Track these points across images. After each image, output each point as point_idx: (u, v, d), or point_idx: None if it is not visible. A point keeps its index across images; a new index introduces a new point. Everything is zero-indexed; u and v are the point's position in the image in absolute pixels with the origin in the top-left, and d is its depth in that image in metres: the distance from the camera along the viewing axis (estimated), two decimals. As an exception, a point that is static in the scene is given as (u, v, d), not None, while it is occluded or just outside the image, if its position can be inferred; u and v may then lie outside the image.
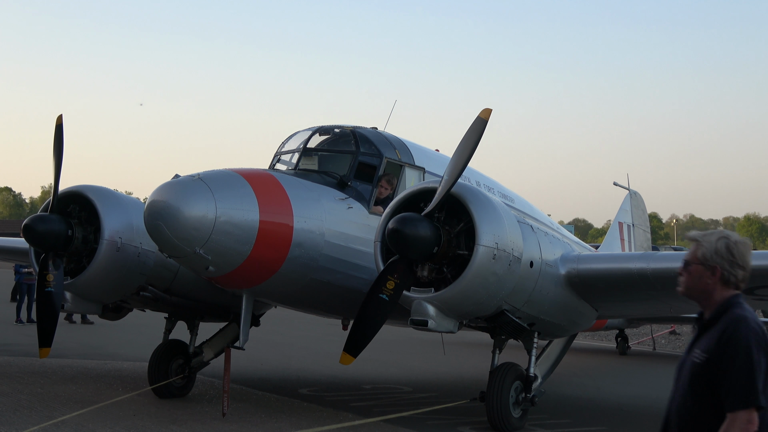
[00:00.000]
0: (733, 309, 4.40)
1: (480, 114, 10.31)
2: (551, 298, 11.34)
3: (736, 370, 4.19)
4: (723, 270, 4.46)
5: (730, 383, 4.20)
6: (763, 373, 4.21)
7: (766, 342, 4.27)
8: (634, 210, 24.02)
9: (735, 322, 4.31)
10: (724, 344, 4.26)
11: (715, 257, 4.46)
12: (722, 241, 4.48)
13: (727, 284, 4.47)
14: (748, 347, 4.21)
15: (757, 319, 4.34)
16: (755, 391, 4.16)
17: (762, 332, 4.28)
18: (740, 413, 4.15)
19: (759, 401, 4.16)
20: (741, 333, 4.25)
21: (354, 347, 10.56)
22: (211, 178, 10.31)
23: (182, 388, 13.16)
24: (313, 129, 12.76)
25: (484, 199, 10.44)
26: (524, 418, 11.53)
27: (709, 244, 4.50)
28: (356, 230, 11.62)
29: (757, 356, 4.20)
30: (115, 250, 11.84)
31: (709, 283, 4.49)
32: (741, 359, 4.20)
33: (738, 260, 4.46)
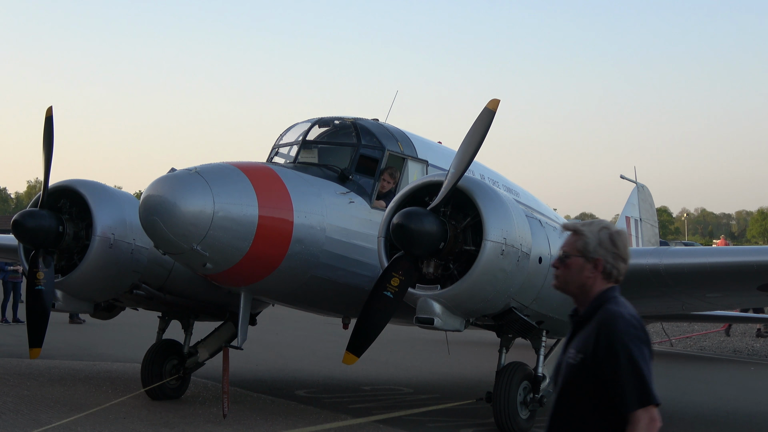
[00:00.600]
0: (608, 305, 4.24)
1: (487, 105, 10.35)
2: (560, 295, 11.24)
3: (623, 371, 4.06)
4: (606, 263, 4.31)
5: (620, 386, 4.07)
6: (650, 365, 4.11)
7: (645, 334, 4.16)
8: (642, 204, 24.03)
9: (610, 320, 4.16)
10: (603, 346, 4.12)
11: (598, 249, 4.31)
12: (605, 232, 4.34)
13: (608, 278, 4.33)
14: (626, 345, 4.08)
15: (633, 312, 4.21)
16: (648, 388, 4.06)
17: (639, 324, 4.16)
18: (639, 414, 4.03)
19: (654, 399, 4.06)
20: (618, 331, 4.12)
21: (357, 346, 10.61)
22: (209, 171, 10.34)
23: (176, 390, 13.19)
24: (312, 121, 12.79)
25: (492, 193, 10.48)
26: (532, 419, 11.58)
27: (592, 234, 4.34)
28: (358, 225, 11.66)
29: (638, 352, 4.08)
30: (108, 246, 11.86)
31: (589, 277, 4.33)
32: (624, 359, 4.07)
33: (621, 252, 4.33)
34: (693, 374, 19.07)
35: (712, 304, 13.42)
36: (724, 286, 12.16)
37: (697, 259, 11.68)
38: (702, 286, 12.03)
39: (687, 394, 15.79)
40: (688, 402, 14.79)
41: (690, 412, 13.82)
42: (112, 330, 21.80)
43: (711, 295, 12.48)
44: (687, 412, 13.74)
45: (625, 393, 4.05)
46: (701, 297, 12.49)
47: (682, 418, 13.19)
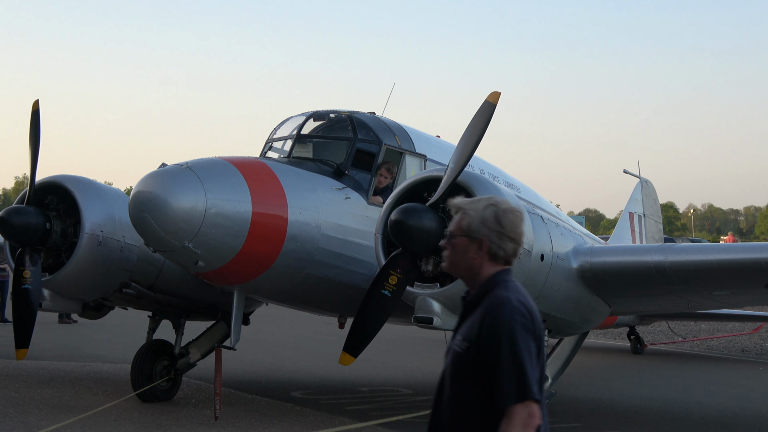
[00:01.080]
0: (497, 289, 4.06)
1: (488, 98, 10.37)
2: (563, 294, 11.41)
3: (502, 361, 3.89)
4: (491, 243, 4.12)
5: (499, 377, 3.89)
6: (535, 358, 3.96)
7: (534, 324, 4.00)
8: (646, 199, 24.06)
9: (496, 306, 3.98)
10: (486, 332, 3.95)
11: (481, 228, 4.12)
12: (490, 209, 4.14)
13: (495, 259, 4.14)
14: (511, 334, 3.90)
15: (523, 298, 4.03)
16: (527, 382, 3.88)
17: (528, 313, 3.98)
18: (517, 408, 3.86)
19: (533, 394, 3.88)
20: (503, 318, 3.94)
21: (354, 347, 10.63)
22: (201, 167, 10.36)
23: (167, 392, 13.18)
24: (307, 114, 12.80)
25: (493, 188, 10.50)
26: (534, 421, 11.58)
27: (476, 212, 4.15)
28: (354, 222, 11.67)
29: (523, 342, 3.91)
30: (97, 244, 11.87)
31: (475, 258, 4.14)
32: (506, 349, 3.89)
33: (508, 231, 4.13)
34: (700, 374, 19.11)
35: (719, 302, 13.44)
36: (731, 284, 12.18)
37: (704, 256, 11.69)
38: (709, 283, 12.05)
39: (694, 394, 15.83)
40: (695, 403, 14.83)
41: (697, 413, 13.86)
42: (101, 330, 21.82)
43: (718, 293, 12.50)
44: (694, 413, 13.78)
45: (502, 385, 3.88)
46: (708, 295, 12.51)
47: (688, 420, 13.24)
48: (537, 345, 4.00)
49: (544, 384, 11.77)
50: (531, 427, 3.89)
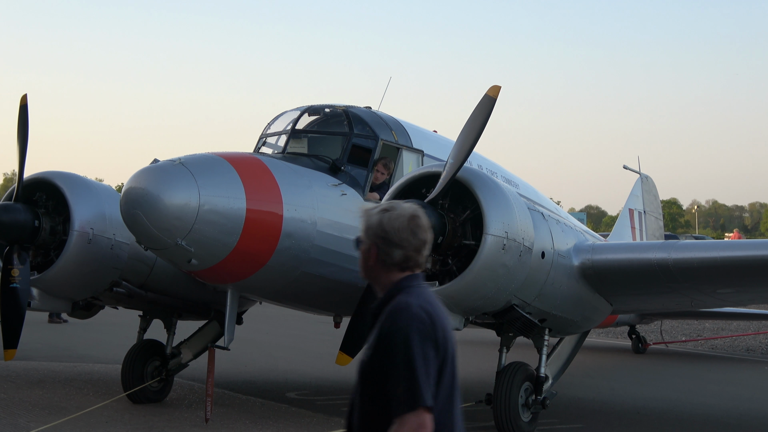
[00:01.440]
0: (399, 295, 4.07)
1: (488, 92, 10.39)
2: (564, 292, 11.44)
3: (396, 367, 3.89)
4: (378, 249, 4.14)
5: (392, 383, 3.90)
6: (433, 367, 3.95)
7: (434, 331, 3.98)
8: (646, 195, 24.10)
9: (393, 312, 4.00)
10: (382, 339, 3.98)
11: (369, 234, 4.16)
12: (378, 216, 4.15)
13: (386, 266, 4.16)
14: (406, 340, 3.90)
15: (427, 305, 4.02)
16: (418, 390, 3.86)
17: (429, 319, 3.97)
18: (407, 417, 3.85)
19: (424, 401, 3.86)
20: (399, 324, 3.94)
21: (351, 346, 10.65)
22: (194, 162, 10.35)
23: (159, 393, 13.21)
24: (301, 109, 12.81)
25: (493, 184, 10.52)
26: (534, 422, 11.64)
27: (368, 218, 4.18)
28: (351, 219, 11.67)
29: (419, 349, 3.90)
30: (86, 242, 11.86)
31: (373, 265, 4.18)
32: (400, 355, 3.89)
33: (392, 238, 4.12)
34: (704, 374, 19.16)
35: (723, 300, 13.47)
36: (736, 282, 12.22)
37: (708, 253, 11.72)
38: (713, 281, 12.08)
39: (697, 395, 15.87)
40: (699, 404, 14.87)
41: (700, 414, 13.90)
42: (92, 330, 21.79)
43: (722, 291, 12.54)
44: (697, 414, 13.82)
45: (395, 392, 3.89)
46: (712, 293, 12.54)
47: (692, 421, 13.28)
48: (438, 353, 3.99)
49: (545, 384, 11.85)
50: None
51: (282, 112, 13.06)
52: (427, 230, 4.23)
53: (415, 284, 4.15)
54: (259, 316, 22.44)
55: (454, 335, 4.18)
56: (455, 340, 4.20)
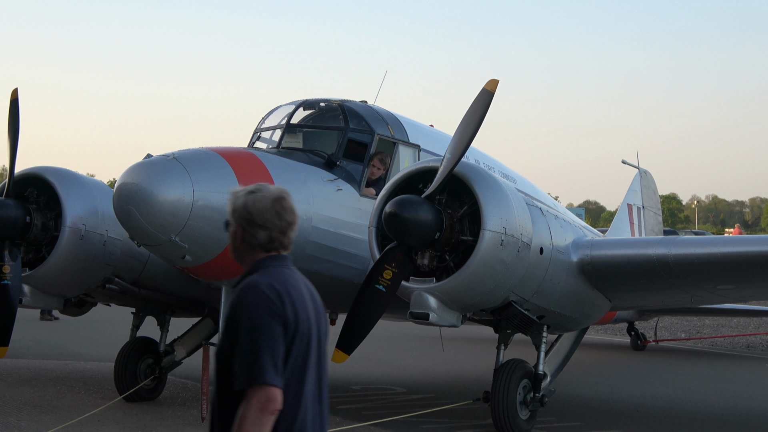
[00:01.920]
0: (252, 275, 4.21)
1: (485, 85, 10.41)
2: (562, 288, 11.47)
3: (239, 344, 4.02)
4: (244, 231, 4.29)
5: (236, 360, 4.03)
6: (280, 344, 4.05)
7: (283, 308, 4.07)
8: (644, 190, 24.15)
9: (242, 290, 4.13)
10: (229, 316, 4.11)
11: (235, 216, 4.30)
12: (243, 198, 4.30)
13: (253, 247, 4.29)
14: (251, 317, 4.03)
15: (277, 283, 4.14)
16: (260, 366, 3.97)
17: (278, 297, 4.08)
18: (252, 393, 3.97)
19: (266, 378, 3.98)
20: (245, 301, 4.08)
21: (348, 343, 10.67)
22: (188, 157, 10.37)
23: (152, 391, 13.22)
24: (296, 103, 12.83)
25: (491, 179, 10.54)
26: (532, 420, 11.67)
27: (235, 200, 4.32)
28: (346, 215, 11.71)
29: (264, 326, 4.02)
30: (79, 238, 11.87)
31: (239, 246, 4.34)
32: (244, 332, 4.02)
33: (256, 219, 4.25)
34: (704, 371, 19.21)
35: (723, 296, 13.52)
36: (736, 278, 12.25)
37: (708, 249, 11.76)
38: (713, 277, 12.12)
39: (697, 392, 15.92)
40: (699, 401, 14.92)
41: (701, 411, 13.94)
42: (84, 327, 21.80)
43: (723, 287, 12.58)
44: (697, 412, 13.86)
45: (239, 368, 4.01)
46: (712, 289, 12.58)
47: (692, 419, 13.32)
48: (287, 330, 4.08)
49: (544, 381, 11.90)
50: (268, 411, 3.97)
51: (277, 106, 13.08)
52: (292, 212, 4.35)
53: (274, 264, 4.27)
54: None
55: (317, 315, 4.29)
56: (320, 319, 4.30)
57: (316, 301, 4.35)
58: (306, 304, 4.22)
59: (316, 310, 4.31)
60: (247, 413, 3.96)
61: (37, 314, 24.48)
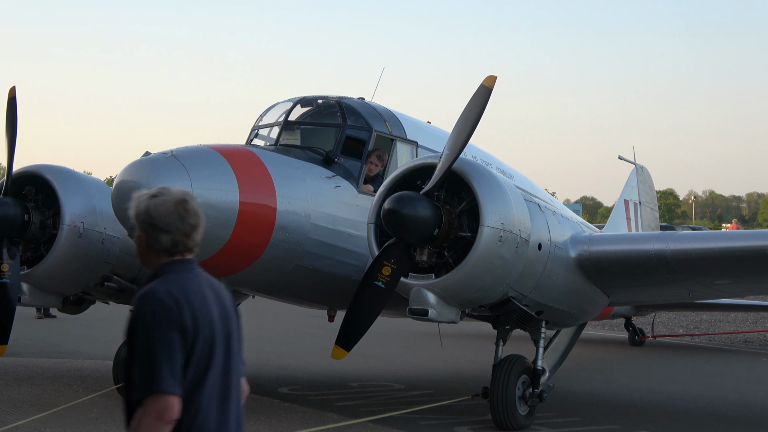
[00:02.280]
0: (152, 282, 4.19)
1: (483, 82, 10.46)
2: (561, 284, 11.53)
3: (136, 353, 4.02)
4: (147, 235, 4.25)
5: (135, 369, 4.02)
6: (178, 352, 4.04)
7: (180, 316, 4.06)
8: (641, 186, 24.22)
9: (139, 298, 4.11)
10: (128, 325, 4.10)
11: (138, 221, 4.26)
12: (146, 202, 4.26)
13: (154, 251, 4.27)
14: (146, 326, 4.01)
15: (175, 289, 4.12)
16: (156, 375, 3.96)
17: (176, 304, 4.06)
18: (148, 402, 3.97)
19: (162, 386, 3.97)
20: (142, 310, 4.06)
21: (347, 340, 10.74)
22: (186, 155, 10.42)
23: (150, 389, 13.23)
24: (294, 100, 12.87)
25: (489, 175, 10.60)
26: (531, 415, 11.74)
27: (137, 205, 4.28)
28: (345, 211, 11.76)
29: (159, 334, 4.00)
30: (77, 236, 11.92)
31: (143, 252, 4.31)
32: (140, 340, 4.01)
33: (159, 223, 4.22)
34: (701, 366, 19.26)
35: (721, 291, 13.57)
36: (734, 273, 12.30)
37: (707, 244, 11.81)
38: (711, 272, 12.17)
39: (695, 387, 15.98)
40: (696, 396, 14.97)
41: (698, 406, 14.00)
42: (82, 325, 21.79)
43: (720, 282, 12.63)
44: (695, 407, 13.92)
45: (136, 377, 4.01)
46: (710, 284, 12.64)
47: (690, 413, 13.37)
48: (185, 338, 4.07)
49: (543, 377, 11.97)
50: (164, 420, 3.97)
51: (274, 103, 13.12)
52: (196, 214, 4.32)
53: (176, 269, 4.25)
54: (250, 310, 22.46)
55: (224, 317, 4.28)
56: (228, 322, 4.30)
57: (224, 303, 4.33)
58: (209, 307, 4.20)
59: (222, 312, 4.29)
60: (143, 421, 3.98)
61: (33, 312, 24.48)
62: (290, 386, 14.59)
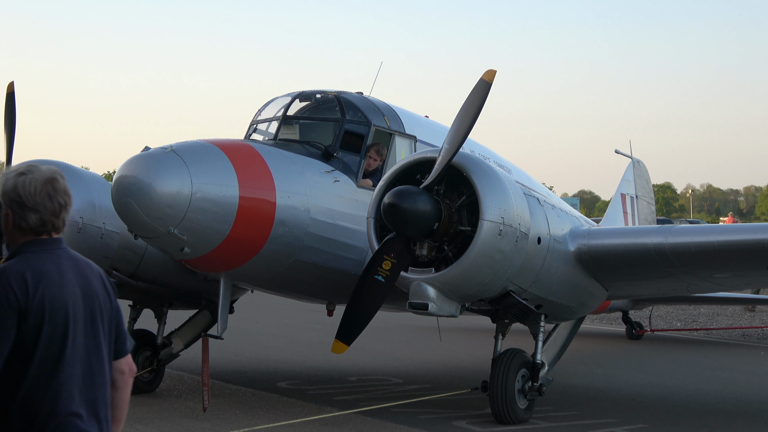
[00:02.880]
0: (8, 262, 4.12)
1: (483, 76, 10.51)
2: (560, 278, 11.60)
3: None
4: (15, 214, 4.16)
5: None
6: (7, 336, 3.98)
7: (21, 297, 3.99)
8: (638, 180, 24.32)
9: None
10: None
11: (5, 199, 4.17)
12: (13, 179, 4.17)
13: (21, 230, 4.18)
14: None
15: (27, 270, 4.05)
16: None
17: (20, 286, 3.99)
18: None
19: None
20: None
21: (347, 334, 10.82)
22: (185, 150, 10.46)
23: (149, 383, 13.34)
24: (292, 95, 12.90)
25: (489, 169, 10.66)
26: (530, 409, 11.81)
27: (5, 182, 4.19)
28: (344, 206, 11.82)
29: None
30: (76, 231, 11.91)
31: (9, 230, 4.21)
32: None
33: (27, 201, 4.14)
34: (700, 360, 19.35)
35: (719, 285, 13.64)
36: (733, 266, 12.37)
37: (705, 237, 11.88)
38: (710, 266, 12.24)
39: (693, 381, 16.06)
40: (695, 389, 15.06)
41: (696, 400, 14.08)
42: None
43: (719, 275, 12.70)
44: (693, 401, 14.00)
45: None
46: (708, 278, 12.71)
47: (688, 407, 13.45)
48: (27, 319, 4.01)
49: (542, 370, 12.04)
50: None
51: (273, 98, 13.15)
52: (65, 194, 4.26)
53: (34, 248, 4.18)
54: (249, 305, 22.55)
55: (87, 298, 4.22)
56: (91, 302, 4.23)
57: (90, 283, 4.26)
58: (66, 288, 4.14)
59: (87, 292, 4.23)
60: None
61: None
62: (289, 381, 14.67)
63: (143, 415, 11.54)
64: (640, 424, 11.96)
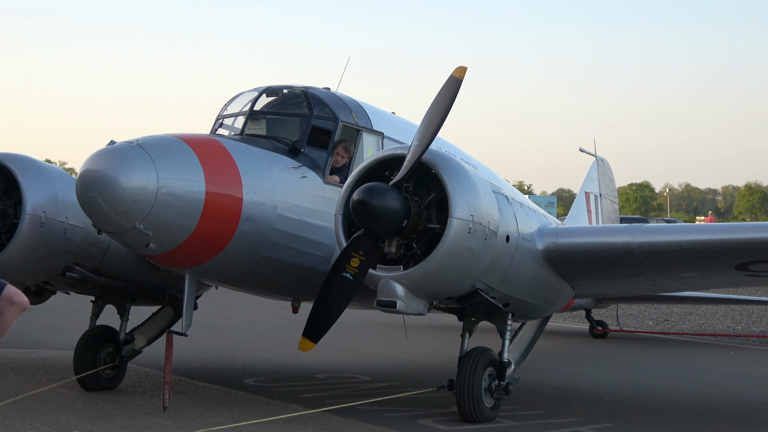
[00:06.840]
0: None
1: (453, 72, 10.61)
2: (528, 276, 11.72)
3: None
4: None
5: None
6: None
7: None
8: (601, 178, 24.63)
9: None
10: None
11: None
12: None
13: None
14: None
15: None
16: None
17: None
18: None
19: None
20: None
21: (314, 332, 10.90)
22: (152, 144, 10.50)
23: (112, 380, 13.33)
24: (259, 90, 12.95)
25: (458, 167, 10.75)
26: (497, 408, 11.91)
27: None
28: (311, 202, 11.90)
29: None
30: (39, 225, 11.92)
31: None
32: None
33: None
34: (668, 359, 19.53)
35: (687, 284, 13.80)
36: (701, 266, 12.49)
37: (673, 237, 12.02)
38: (678, 265, 12.37)
39: (661, 380, 16.24)
40: (662, 389, 15.21)
41: (664, 399, 14.23)
42: (46, 315, 21.71)
43: (687, 275, 12.85)
44: (661, 400, 14.14)
45: None
46: (676, 277, 12.86)
47: (655, 406, 13.59)
48: None
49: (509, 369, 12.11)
50: None
51: (239, 92, 13.18)
52: None
53: None
54: (219, 301, 22.59)
55: None
56: None
57: None
58: None
59: None
60: None
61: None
62: (256, 378, 14.73)
63: (106, 412, 11.54)
64: (606, 423, 12.05)
